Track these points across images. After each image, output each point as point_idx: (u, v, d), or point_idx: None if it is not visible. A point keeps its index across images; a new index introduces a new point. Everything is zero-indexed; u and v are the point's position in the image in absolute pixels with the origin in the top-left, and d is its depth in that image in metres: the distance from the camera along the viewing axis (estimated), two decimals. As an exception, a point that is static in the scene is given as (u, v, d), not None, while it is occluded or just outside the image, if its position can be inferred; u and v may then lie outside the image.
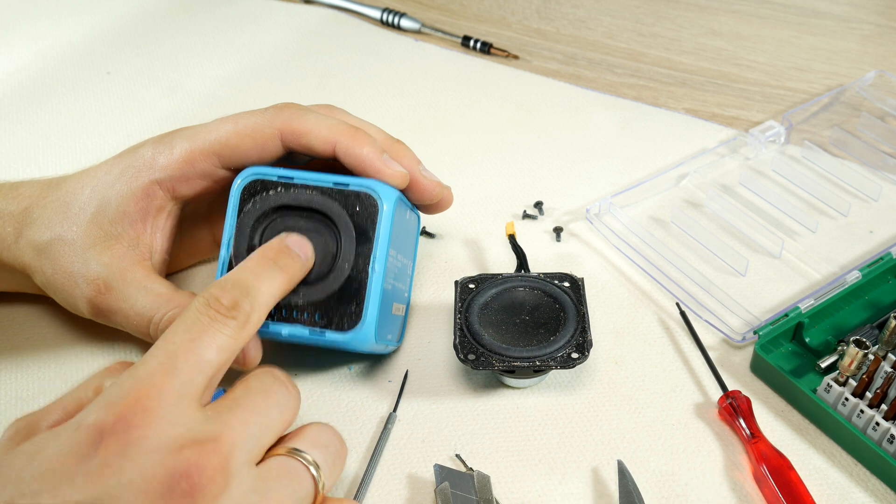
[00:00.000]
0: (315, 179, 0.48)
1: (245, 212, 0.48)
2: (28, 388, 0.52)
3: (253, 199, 0.48)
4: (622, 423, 0.50)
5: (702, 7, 0.89)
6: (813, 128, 0.72)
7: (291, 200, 0.47)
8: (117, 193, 0.49)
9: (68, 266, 0.48)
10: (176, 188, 0.49)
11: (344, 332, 0.47)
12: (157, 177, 0.49)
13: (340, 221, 0.47)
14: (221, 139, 0.49)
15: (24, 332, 0.55)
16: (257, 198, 0.48)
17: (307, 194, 0.47)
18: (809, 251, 0.60)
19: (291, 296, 0.46)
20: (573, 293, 0.52)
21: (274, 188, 0.48)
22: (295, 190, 0.47)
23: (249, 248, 0.47)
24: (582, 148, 0.71)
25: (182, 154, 0.49)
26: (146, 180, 0.49)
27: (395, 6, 0.88)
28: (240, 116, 0.49)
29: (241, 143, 0.48)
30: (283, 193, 0.48)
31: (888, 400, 0.47)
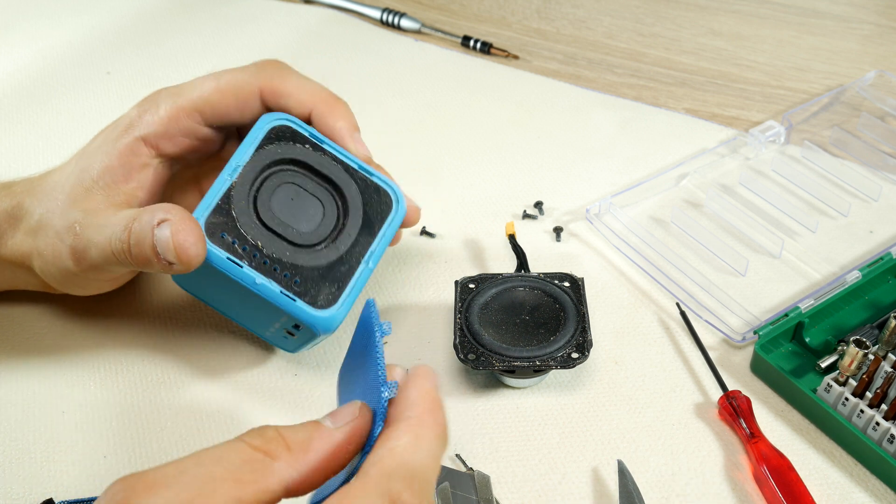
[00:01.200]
0: (343, 154, 0.48)
1: (264, 149, 0.47)
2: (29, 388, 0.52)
3: (278, 142, 0.47)
4: (622, 423, 0.50)
5: (702, 7, 0.89)
6: (813, 128, 0.72)
7: (314, 162, 0.47)
8: (102, 153, 0.48)
9: (55, 227, 0.47)
10: (160, 145, 0.49)
11: (315, 308, 0.46)
12: (142, 133, 0.48)
13: (353, 204, 0.48)
14: (203, 96, 0.48)
15: (24, 331, 0.55)
16: (283, 143, 0.47)
17: (331, 164, 0.48)
18: (809, 251, 0.60)
19: (278, 250, 0.46)
20: (573, 293, 0.52)
21: (302, 142, 0.48)
22: (322, 154, 0.48)
23: (252, 185, 0.46)
24: (582, 148, 0.71)
25: (166, 111, 0.48)
26: (130, 137, 0.48)
27: (395, 6, 0.88)
28: (222, 73, 0.49)
29: (222, 100, 0.48)
30: (309, 151, 0.47)
31: (888, 400, 0.47)
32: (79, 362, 0.53)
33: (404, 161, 0.70)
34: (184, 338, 0.55)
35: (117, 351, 0.54)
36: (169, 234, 0.42)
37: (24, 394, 0.52)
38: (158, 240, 0.42)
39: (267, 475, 0.30)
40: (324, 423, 0.33)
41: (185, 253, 0.42)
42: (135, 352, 0.54)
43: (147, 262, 0.43)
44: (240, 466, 0.30)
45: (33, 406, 0.51)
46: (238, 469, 0.30)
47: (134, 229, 0.43)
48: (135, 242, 0.43)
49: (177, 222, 0.42)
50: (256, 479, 0.30)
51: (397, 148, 0.71)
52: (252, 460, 0.30)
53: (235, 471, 0.30)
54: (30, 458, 0.48)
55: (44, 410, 0.51)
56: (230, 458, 0.30)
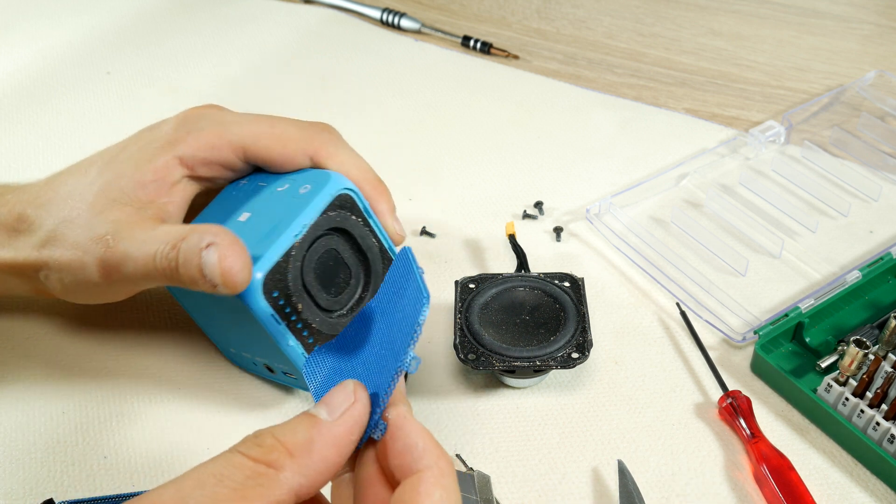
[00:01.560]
0: (382, 236, 0.49)
1: (327, 214, 0.46)
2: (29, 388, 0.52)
3: (339, 210, 0.47)
4: (622, 423, 0.50)
5: (702, 7, 0.89)
6: (813, 128, 0.72)
7: (359, 235, 0.48)
8: (134, 166, 0.47)
9: (75, 238, 0.46)
10: (195, 168, 0.49)
11: None
12: (181, 153, 0.48)
13: (375, 282, 0.49)
14: (254, 135, 0.48)
15: (24, 331, 0.55)
16: (343, 211, 0.47)
17: (371, 241, 0.48)
18: (809, 251, 0.60)
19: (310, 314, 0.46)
20: (573, 293, 0.52)
21: (357, 214, 0.48)
22: (368, 230, 0.48)
23: (308, 247, 0.46)
24: (582, 148, 0.71)
25: (211, 138, 0.48)
26: (169, 155, 0.48)
27: (395, 6, 0.88)
28: (276, 122, 0.49)
29: (272, 148, 0.48)
30: (359, 224, 0.48)
31: (888, 400, 0.47)
32: (79, 362, 0.53)
33: (404, 161, 0.70)
34: (184, 338, 0.55)
35: (118, 351, 0.54)
36: (216, 258, 0.41)
37: (25, 394, 0.52)
38: (205, 263, 0.41)
39: (274, 488, 0.30)
40: (319, 416, 0.32)
41: (231, 279, 0.41)
42: (135, 352, 0.54)
43: (193, 281, 0.42)
44: (244, 483, 0.29)
45: (33, 406, 0.51)
46: (242, 486, 0.29)
47: (182, 248, 0.42)
48: (182, 262, 0.42)
49: (224, 247, 0.41)
50: (263, 493, 0.29)
51: (397, 148, 0.71)
52: (256, 475, 0.29)
53: (240, 489, 0.29)
54: (30, 458, 0.48)
55: (44, 410, 0.50)
56: (232, 476, 0.29)
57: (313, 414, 0.32)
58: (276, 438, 0.31)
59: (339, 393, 0.33)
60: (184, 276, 0.42)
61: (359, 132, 0.73)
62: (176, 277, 0.43)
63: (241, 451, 0.30)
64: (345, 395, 0.33)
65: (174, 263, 0.42)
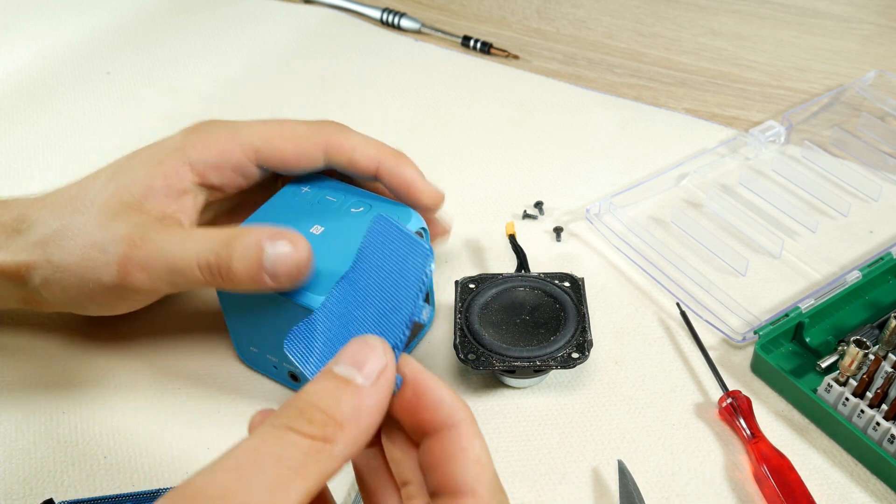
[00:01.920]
0: None
1: None
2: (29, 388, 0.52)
3: None
4: (622, 423, 0.50)
5: (702, 7, 0.89)
6: (813, 128, 0.72)
7: None
8: (143, 172, 0.47)
9: (89, 237, 0.45)
10: (206, 174, 0.48)
11: None
12: (191, 159, 0.48)
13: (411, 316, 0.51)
14: (266, 137, 0.48)
15: (24, 330, 0.55)
16: None
17: None
18: (809, 251, 0.60)
19: None
20: (573, 293, 0.52)
21: None
22: None
23: None
24: (582, 148, 0.71)
25: (221, 142, 0.48)
26: (178, 161, 0.47)
27: (395, 6, 0.88)
28: (285, 122, 0.49)
29: (284, 147, 0.49)
30: None
31: (888, 400, 0.47)
32: (79, 362, 0.53)
33: (404, 161, 0.70)
34: (185, 338, 0.55)
35: (118, 351, 0.54)
36: (289, 251, 0.42)
37: (25, 393, 0.52)
38: (272, 256, 0.41)
39: (330, 462, 0.29)
40: (356, 381, 0.31)
41: (303, 271, 0.42)
42: (136, 351, 0.54)
43: (248, 277, 0.42)
44: (304, 462, 0.28)
45: (33, 406, 0.51)
46: (302, 465, 0.28)
47: (237, 245, 0.42)
48: (239, 258, 0.42)
49: (296, 240, 0.42)
50: (321, 469, 0.29)
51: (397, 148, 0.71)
52: (312, 451, 0.29)
53: (300, 468, 0.28)
54: (30, 458, 0.48)
55: (44, 410, 0.50)
56: (292, 456, 0.28)
57: (349, 379, 0.31)
58: (325, 412, 0.30)
59: (369, 354, 0.32)
60: (238, 272, 0.42)
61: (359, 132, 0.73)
62: (224, 274, 0.42)
63: (293, 429, 0.29)
64: (376, 357, 0.32)
65: (223, 260, 0.42)
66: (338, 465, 0.30)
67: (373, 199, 0.50)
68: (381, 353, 0.32)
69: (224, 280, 0.43)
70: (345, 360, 0.31)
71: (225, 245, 0.42)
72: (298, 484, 0.28)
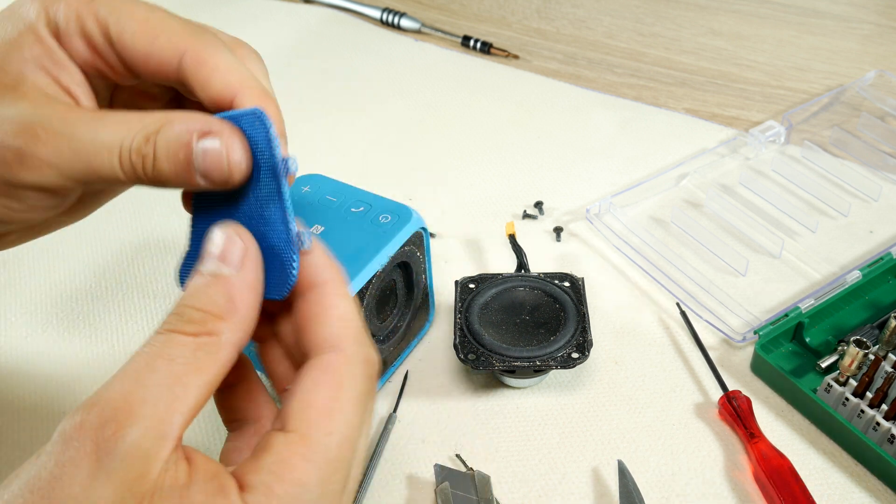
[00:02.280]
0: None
1: (402, 250, 0.49)
2: (29, 388, 0.52)
3: (410, 246, 0.49)
4: (622, 423, 0.50)
5: (702, 7, 0.89)
6: (813, 128, 0.72)
7: (415, 269, 0.51)
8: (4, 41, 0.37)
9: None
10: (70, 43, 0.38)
11: None
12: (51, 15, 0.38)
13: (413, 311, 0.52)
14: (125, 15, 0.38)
15: (24, 331, 0.55)
16: (412, 248, 0.50)
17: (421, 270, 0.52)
18: (809, 251, 0.60)
19: None
20: (573, 293, 0.52)
21: (421, 251, 0.51)
22: (423, 266, 0.52)
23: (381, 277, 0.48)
24: (582, 148, 0.71)
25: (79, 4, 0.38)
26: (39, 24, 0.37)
27: (395, 6, 0.88)
28: (157, 9, 0.39)
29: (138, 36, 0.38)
30: (419, 261, 0.52)
31: (888, 400, 0.47)
32: (79, 362, 0.53)
33: (404, 161, 0.70)
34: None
35: (118, 351, 0.54)
36: (221, 148, 0.35)
37: (25, 394, 0.52)
38: (201, 155, 0.35)
39: (221, 352, 0.30)
40: (223, 272, 0.32)
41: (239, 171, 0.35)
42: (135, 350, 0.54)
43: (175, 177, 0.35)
44: (195, 357, 0.30)
45: (33, 406, 0.51)
46: (194, 360, 0.30)
47: (161, 140, 0.35)
48: (165, 156, 0.35)
49: (227, 137, 0.35)
50: (215, 359, 0.30)
51: (397, 148, 0.71)
52: (200, 346, 0.30)
53: (193, 363, 0.29)
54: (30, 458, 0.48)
55: (44, 410, 0.50)
56: (182, 353, 0.30)
57: (216, 273, 0.32)
58: (201, 310, 0.31)
59: (226, 243, 0.32)
60: (165, 172, 0.35)
61: (359, 132, 0.73)
62: (149, 174, 0.35)
63: (176, 331, 0.30)
64: (231, 242, 0.33)
65: (147, 158, 0.35)
66: (231, 351, 0.31)
67: (373, 199, 0.50)
68: (237, 238, 0.33)
69: (150, 180, 0.36)
70: (207, 256, 0.32)
71: (146, 140, 0.35)
72: (194, 378, 0.29)
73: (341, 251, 0.46)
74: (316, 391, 0.31)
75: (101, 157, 0.35)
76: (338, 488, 0.31)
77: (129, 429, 0.27)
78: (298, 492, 0.29)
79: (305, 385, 0.31)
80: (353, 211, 0.49)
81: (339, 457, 0.31)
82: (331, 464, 0.30)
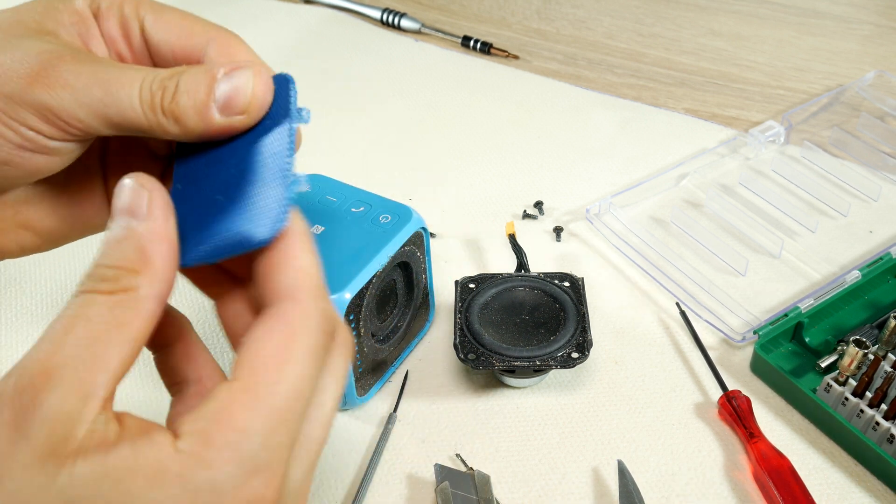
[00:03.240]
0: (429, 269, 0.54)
1: (402, 250, 0.49)
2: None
3: (410, 246, 0.50)
4: (622, 423, 0.50)
5: (702, 7, 0.89)
6: (813, 128, 0.72)
7: (415, 269, 0.52)
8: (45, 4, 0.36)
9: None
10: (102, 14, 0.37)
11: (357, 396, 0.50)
12: None
13: (413, 307, 0.53)
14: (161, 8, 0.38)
15: (23, 331, 0.55)
16: (412, 248, 0.50)
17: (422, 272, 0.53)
18: (809, 251, 0.60)
19: (366, 341, 0.48)
20: (573, 293, 0.52)
21: (421, 251, 0.51)
22: (423, 265, 0.52)
23: (383, 274, 0.48)
24: (582, 148, 0.71)
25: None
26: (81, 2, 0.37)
27: (395, 6, 0.88)
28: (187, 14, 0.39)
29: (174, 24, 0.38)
30: (419, 261, 0.52)
31: (888, 400, 0.47)
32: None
33: (404, 161, 0.70)
34: (184, 338, 0.55)
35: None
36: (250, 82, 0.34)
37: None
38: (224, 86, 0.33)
39: (141, 306, 0.29)
40: (131, 226, 0.30)
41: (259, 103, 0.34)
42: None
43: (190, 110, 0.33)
44: (113, 314, 0.29)
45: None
46: (113, 318, 0.28)
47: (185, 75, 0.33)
48: (186, 89, 0.33)
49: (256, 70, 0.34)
50: (135, 314, 0.29)
51: (397, 148, 0.71)
52: (118, 303, 0.29)
53: (112, 320, 0.28)
54: (30, 457, 0.48)
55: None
56: (99, 312, 0.29)
57: (124, 226, 0.31)
58: (113, 266, 0.30)
59: (132, 195, 0.31)
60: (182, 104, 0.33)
61: (359, 132, 0.73)
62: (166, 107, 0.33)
63: (90, 291, 0.29)
64: (136, 193, 0.31)
65: (170, 90, 0.33)
66: (152, 304, 0.30)
67: (373, 199, 0.50)
68: (140, 188, 0.31)
69: (167, 119, 0.33)
70: (115, 211, 0.31)
71: (171, 75, 0.34)
72: (115, 335, 0.28)
73: (341, 251, 0.46)
74: (266, 339, 0.30)
75: (122, 85, 0.33)
76: (284, 441, 0.29)
77: (48, 393, 0.27)
78: (237, 439, 0.28)
79: (256, 334, 0.30)
80: (353, 211, 0.49)
81: (286, 407, 0.29)
82: (276, 413, 0.28)
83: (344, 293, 0.44)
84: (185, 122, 0.33)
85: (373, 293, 0.47)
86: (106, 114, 0.33)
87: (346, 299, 0.45)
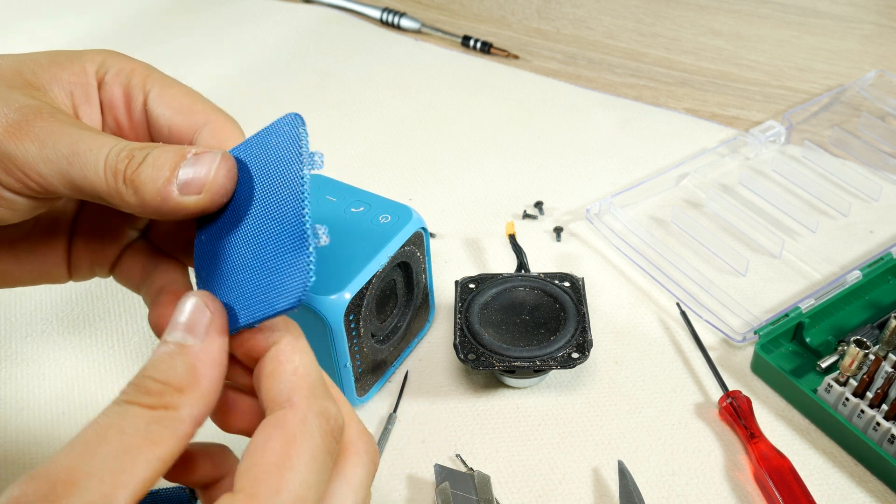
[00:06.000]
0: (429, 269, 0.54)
1: (402, 250, 0.49)
2: (29, 388, 0.52)
3: (410, 246, 0.49)
4: (622, 423, 0.50)
5: (702, 7, 0.89)
6: (813, 128, 0.72)
7: (415, 269, 0.52)
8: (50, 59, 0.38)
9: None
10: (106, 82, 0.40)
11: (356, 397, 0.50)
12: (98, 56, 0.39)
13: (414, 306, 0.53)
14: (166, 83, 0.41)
15: (23, 331, 0.55)
16: (412, 248, 0.50)
17: (421, 273, 0.52)
18: (810, 251, 0.60)
19: (366, 342, 0.48)
20: (573, 293, 0.52)
21: (421, 251, 0.51)
22: (422, 266, 0.52)
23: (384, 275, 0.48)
24: (582, 148, 0.71)
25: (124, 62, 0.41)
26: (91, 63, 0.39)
27: (395, 6, 0.88)
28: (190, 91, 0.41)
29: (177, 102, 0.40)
30: (419, 261, 0.52)
31: (889, 400, 0.47)
32: (79, 363, 0.53)
33: (404, 161, 0.70)
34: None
35: (118, 351, 0.54)
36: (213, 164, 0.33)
37: (24, 394, 0.51)
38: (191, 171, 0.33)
39: (178, 426, 0.29)
40: (186, 343, 0.31)
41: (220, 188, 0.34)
42: (135, 351, 0.54)
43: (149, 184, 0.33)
44: (148, 429, 0.28)
45: (33, 406, 0.51)
46: (147, 434, 0.28)
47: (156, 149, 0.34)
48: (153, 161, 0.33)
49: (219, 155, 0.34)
50: (171, 433, 0.29)
51: (397, 148, 0.71)
52: (156, 419, 0.29)
53: (146, 436, 0.28)
54: (30, 458, 0.48)
55: (44, 410, 0.50)
56: (135, 426, 0.28)
57: (180, 343, 0.31)
58: (160, 381, 0.30)
59: (192, 311, 0.31)
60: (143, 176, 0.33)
61: (359, 132, 0.73)
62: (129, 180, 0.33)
63: (131, 402, 0.29)
64: (198, 311, 0.31)
65: (137, 160, 0.33)
66: (188, 426, 0.29)
67: (373, 199, 0.50)
68: (204, 307, 0.31)
69: (127, 188, 0.33)
70: (173, 325, 0.31)
71: (141, 147, 0.34)
72: (146, 451, 0.28)
73: (341, 251, 0.46)
74: (265, 448, 0.29)
75: (91, 147, 0.33)
76: None
77: (69, 502, 0.26)
78: None
79: (256, 443, 0.30)
80: (353, 211, 0.49)
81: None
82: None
83: (344, 293, 0.45)
84: (142, 193, 0.33)
85: (373, 293, 0.47)
86: (69, 173, 0.33)
87: (345, 299, 0.45)
